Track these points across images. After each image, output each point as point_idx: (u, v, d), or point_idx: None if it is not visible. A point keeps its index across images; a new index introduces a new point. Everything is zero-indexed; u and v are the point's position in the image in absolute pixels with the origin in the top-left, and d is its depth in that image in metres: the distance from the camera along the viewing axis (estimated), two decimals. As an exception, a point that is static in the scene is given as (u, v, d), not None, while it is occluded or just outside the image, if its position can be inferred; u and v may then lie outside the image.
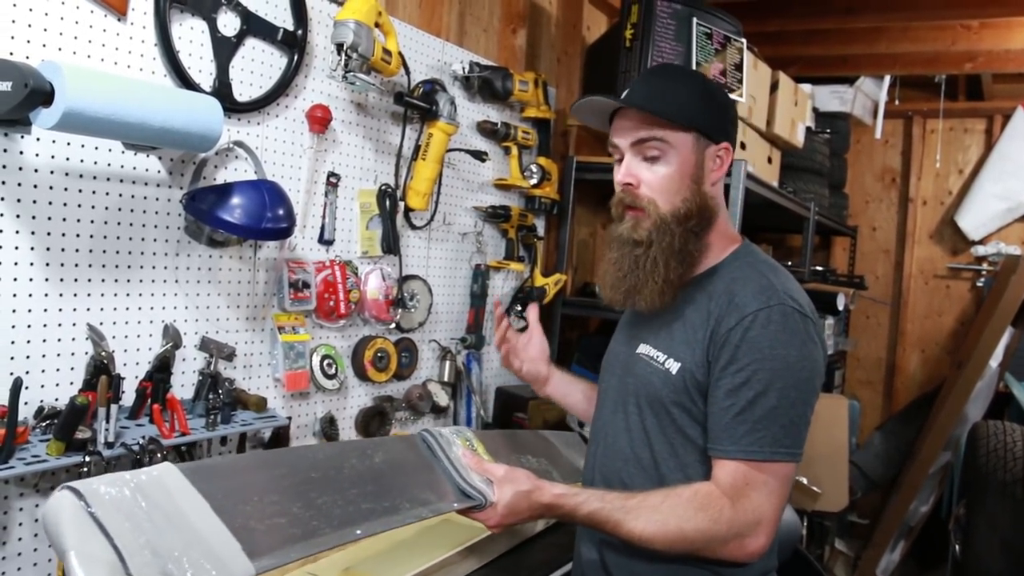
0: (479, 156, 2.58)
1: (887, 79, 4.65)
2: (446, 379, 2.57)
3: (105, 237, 1.63)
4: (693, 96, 1.38)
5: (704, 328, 1.33)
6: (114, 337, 1.65)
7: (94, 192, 1.60)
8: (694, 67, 2.76)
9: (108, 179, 1.63)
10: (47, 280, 1.54)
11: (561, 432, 2.04)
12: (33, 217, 1.51)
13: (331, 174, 2.14)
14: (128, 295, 1.68)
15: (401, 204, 2.36)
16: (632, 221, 1.40)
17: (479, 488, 1.34)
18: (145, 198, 1.70)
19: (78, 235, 1.58)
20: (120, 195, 1.65)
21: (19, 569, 1.52)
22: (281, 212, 1.78)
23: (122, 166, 1.65)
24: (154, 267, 1.73)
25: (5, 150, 1.46)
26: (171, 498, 0.96)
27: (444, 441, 1.42)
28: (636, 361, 1.44)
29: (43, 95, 1.32)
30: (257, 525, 1.05)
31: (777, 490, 1.25)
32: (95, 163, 1.60)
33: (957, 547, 3.61)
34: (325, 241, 2.13)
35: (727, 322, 1.29)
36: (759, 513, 1.24)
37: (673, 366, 1.36)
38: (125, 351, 1.68)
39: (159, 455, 1.57)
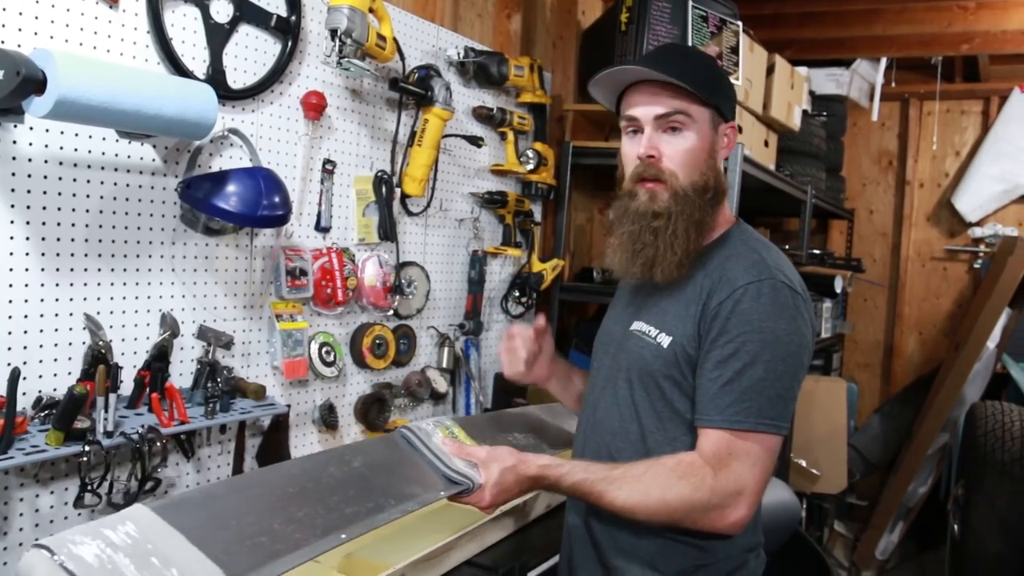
0: (475, 142, 2.57)
1: (883, 61, 4.64)
2: (444, 365, 2.58)
3: (101, 226, 1.63)
4: (709, 73, 1.42)
5: (696, 303, 1.35)
6: (111, 326, 1.65)
7: (88, 181, 1.60)
8: (690, 50, 2.75)
9: (102, 168, 1.62)
10: (43, 270, 1.53)
11: (547, 404, 2.02)
12: (28, 207, 1.50)
13: (327, 161, 2.13)
14: (125, 284, 1.68)
15: (397, 190, 2.35)
16: (649, 194, 1.40)
17: (464, 472, 1.34)
18: (140, 187, 1.69)
19: (73, 224, 1.58)
20: (115, 184, 1.65)
21: (20, 559, 1.52)
22: (277, 199, 1.78)
23: (116, 155, 1.64)
24: (150, 256, 1.73)
25: (-2, 139, 1.45)
26: (145, 538, 0.95)
27: (423, 434, 1.41)
28: (629, 338, 1.45)
29: (36, 83, 1.32)
30: (238, 548, 1.04)
31: (760, 461, 1.26)
32: (89, 152, 1.59)
33: (956, 527, 3.62)
34: (322, 228, 2.13)
35: (718, 295, 1.32)
36: (741, 483, 1.24)
37: (664, 340, 1.37)
38: (123, 340, 1.68)
39: (158, 443, 1.58)
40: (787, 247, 3.62)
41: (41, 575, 0.88)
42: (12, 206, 1.48)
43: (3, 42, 1.44)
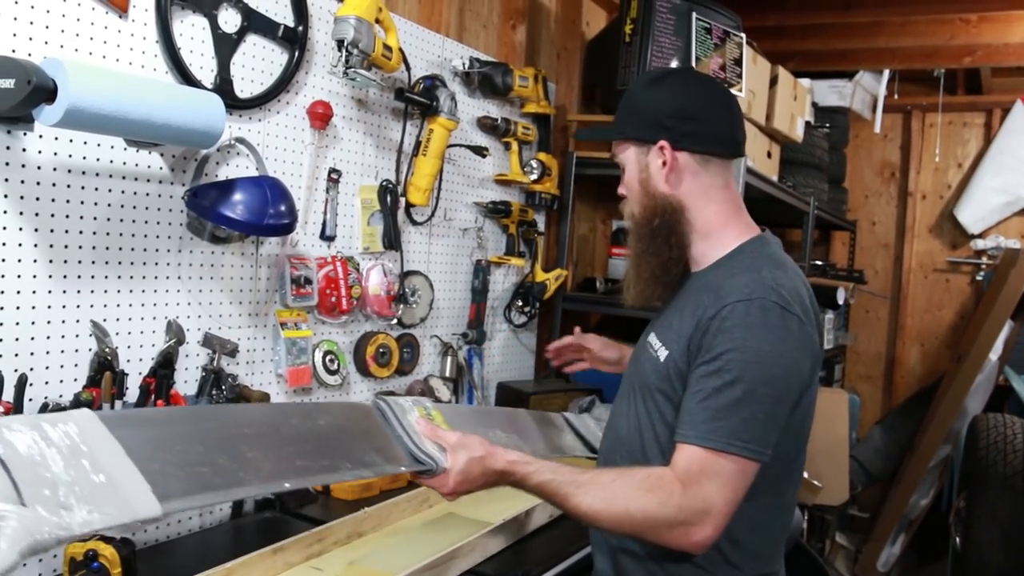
0: (479, 152, 2.58)
1: (886, 73, 4.65)
2: (448, 374, 2.58)
3: (108, 234, 1.64)
4: (625, 105, 1.48)
5: (693, 318, 1.34)
6: (117, 333, 1.66)
7: (96, 189, 1.61)
8: (693, 62, 2.76)
9: (111, 176, 1.63)
10: (51, 277, 1.54)
11: (543, 412, 2.00)
12: (36, 214, 1.51)
13: (332, 170, 2.14)
14: (131, 291, 1.69)
15: (402, 200, 2.36)
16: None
17: (431, 454, 1.31)
18: (147, 195, 1.71)
19: (81, 232, 1.59)
20: (123, 192, 1.66)
21: (24, 565, 1.52)
22: (283, 208, 1.79)
23: (124, 163, 1.65)
24: (157, 263, 1.74)
25: (8, 147, 1.46)
26: (83, 440, 0.93)
27: (399, 408, 1.37)
28: (643, 349, 1.48)
29: (46, 92, 1.33)
30: (175, 472, 1.02)
31: (730, 484, 1.22)
32: (97, 160, 1.60)
33: (957, 540, 3.62)
34: (327, 237, 2.14)
35: (710, 311, 1.30)
36: (708, 503, 1.21)
37: (663, 353, 1.38)
38: (128, 347, 1.69)
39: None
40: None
41: None
42: (21, 213, 1.49)
43: (14, 51, 1.45)
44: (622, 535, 1.29)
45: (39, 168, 1.51)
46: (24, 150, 1.48)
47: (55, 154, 1.53)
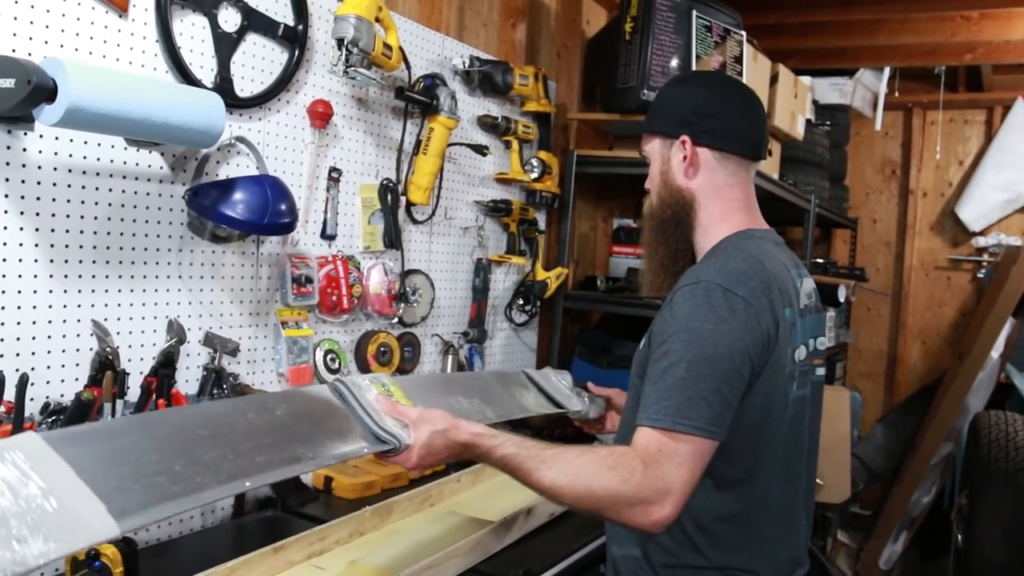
0: (480, 150, 2.58)
1: (887, 71, 4.64)
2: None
3: (108, 233, 1.64)
4: (658, 103, 1.57)
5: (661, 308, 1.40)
6: (118, 333, 1.66)
7: (97, 188, 1.61)
8: (693, 60, 2.76)
9: (111, 175, 1.63)
10: (51, 276, 1.55)
11: (504, 372, 1.94)
12: (37, 214, 1.51)
13: (333, 169, 2.14)
14: (132, 291, 1.69)
15: (403, 199, 2.36)
16: None
17: (393, 431, 1.29)
18: (148, 194, 1.71)
19: (82, 231, 1.59)
20: (123, 191, 1.66)
21: None
22: (283, 207, 1.79)
23: (124, 162, 1.65)
24: (157, 263, 1.74)
25: (9, 147, 1.46)
26: (33, 467, 0.90)
27: (356, 388, 1.34)
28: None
29: (46, 92, 1.33)
30: (132, 485, 0.99)
31: (686, 462, 1.22)
32: (98, 159, 1.60)
33: (959, 537, 3.62)
34: (327, 236, 2.14)
35: (667, 299, 1.38)
36: (668, 482, 1.21)
37: (643, 343, 1.43)
38: (130, 347, 1.69)
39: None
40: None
41: None
42: (22, 213, 1.49)
43: (14, 51, 1.45)
44: (582, 511, 1.28)
45: (39, 168, 1.51)
46: (24, 150, 1.48)
47: (55, 154, 1.53)
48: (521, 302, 2.89)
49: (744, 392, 1.29)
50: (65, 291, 1.57)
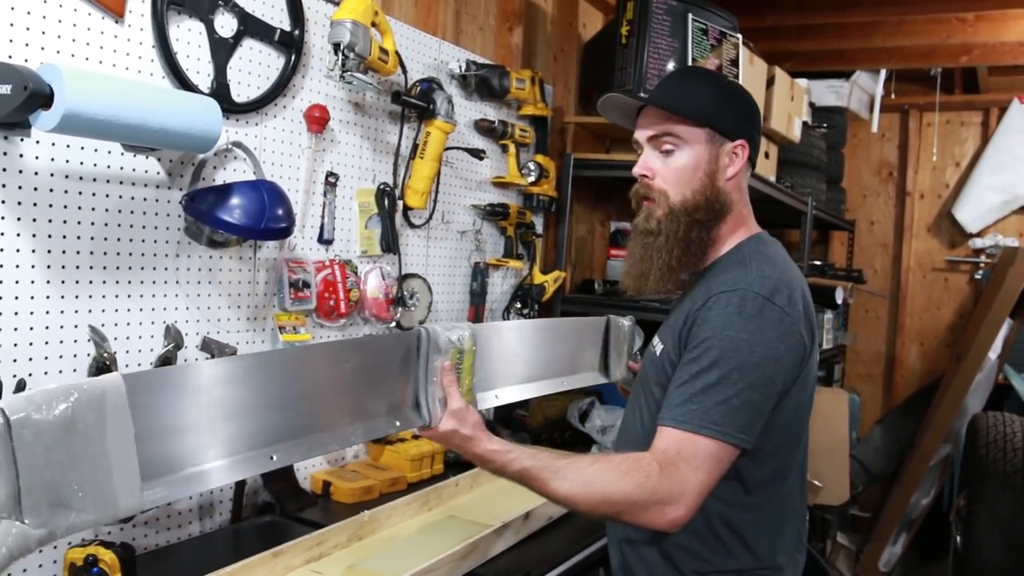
0: (477, 154, 2.59)
1: (883, 73, 4.65)
2: (447, 377, 2.57)
3: (106, 239, 1.64)
4: (710, 95, 1.45)
5: (685, 312, 1.38)
6: (116, 338, 1.66)
7: (94, 194, 1.61)
8: (689, 63, 2.77)
9: (108, 181, 1.63)
10: (48, 282, 1.54)
11: (587, 322, 1.89)
12: (34, 220, 1.51)
13: (329, 174, 2.14)
14: (129, 296, 1.69)
15: (400, 203, 2.36)
16: (646, 212, 1.47)
17: (430, 407, 1.33)
18: (145, 199, 1.71)
19: (79, 237, 1.59)
20: (120, 197, 1.66)
21: (24, 571, 1.53)
22: (280, 212, 1.79)
23: (121, 168, 1.65)
24: (155, 268, 1.74)
25: (5, 153, 1.46)
26: (101, 421, 0.88)
27: (434, 347, 1.35)
28: (649, 350, 1.53)
29: (42, 97, 1.33)
30: (173, 452, 0.99)
31: (704, 466, 1.24)
32: (95, 165, 1.60)
33: (958, 538, 3.62)
34: (324, 241, 2.14)
35: (697, 304, 1.35)
36: (683, 484, 1.23)
37: (659, 348, 1.43)
38: (127, 352, 1.69)
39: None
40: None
41: None
42: (19, 219, 1.49)
43: (10, 57, 1.45)
44: (599, 517, 1.33)
45: (36, 174, 1.51)
46: (21, 156, 1.48)
47: (52, 159, 1.53)
48: (519, 305, 2.89)
49: (777, 402, 1.31)
50: (62, 296, 1.57)
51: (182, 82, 1.74)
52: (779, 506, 1.41)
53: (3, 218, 1.47)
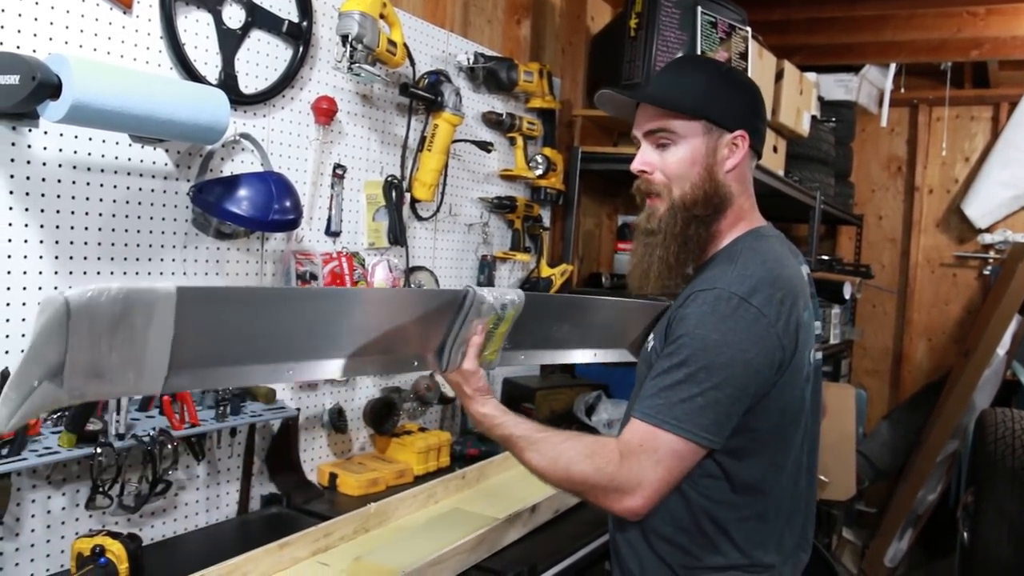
0: (484, 147, 2.58)
1: (892, 67, 4.63)
2: (453, 370, 2.57)
3: (113, 230, 1.64)
4: (706, 85, 1.41)
5: (672, 310, 1.39)
6: (123, 329, 1.66)
7: (102, 185, 1.61)
8: (699, 56, 2.75)
9: (115, 172, 1.63)
10: (56, 273, 1.55)
11: (647, 305, 1.77)
12: (41, 210, 1.51)
13: (337, 166, 2.14)
14: (137, 287, 1.69)
15: (407, 195, 2.36)
16: (648, 211, 1.44)
17: (448, 357, 1.40)
18: (152, 191, 1.71)
19: (86, 228, 1.59)
20: (127, 188, 1.66)
21: (32, 560, 1.53)
22: (288, 204, 1.79)
23: (129, 159, 1.65)
24: (162, 259, 1.74)
25: (13, 143, 1.46)
26: (147, 322, 0.97)
27: (474, 310, 1.37)
28: (644, 344, 1.52)
29: (50, 88, 1.33)
30: (203, 353, 1.08)
31: (664, 461, 1.25)
32: (102, 156, 1.60)
33: (965, 535, 3.60)
34: (332, 233, 2.14)
35: (679, 301, 1.37)
36: (640, 476, 1.25)
37: (650, 344, 1.43)
38: (134, 343, 1.69)
39: (169, 446, 1.59)
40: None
41: (46, 321, 0.92)
42: (27, 209, 1.49)
43: (19, 47, 1.45)
44: (569, 492, 1.39)
45: (44, 164, 1.51)
46: (29, 146, 1.48)
47: (60, 150, 1.53)
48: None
49: (751, 403, 1.29)
50: (70, 287, 1.56)
51: (190, 73, 1.74)
52: (770, 505, 1.38)
53: (11, 208, 1.47)
